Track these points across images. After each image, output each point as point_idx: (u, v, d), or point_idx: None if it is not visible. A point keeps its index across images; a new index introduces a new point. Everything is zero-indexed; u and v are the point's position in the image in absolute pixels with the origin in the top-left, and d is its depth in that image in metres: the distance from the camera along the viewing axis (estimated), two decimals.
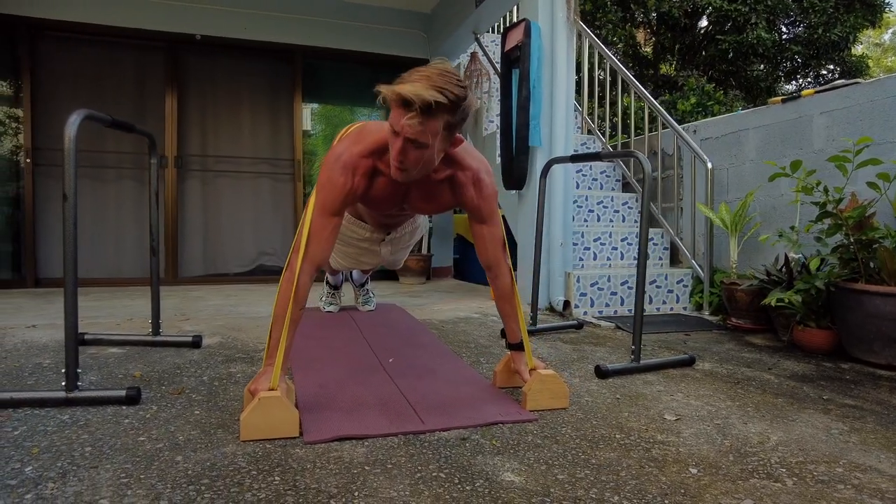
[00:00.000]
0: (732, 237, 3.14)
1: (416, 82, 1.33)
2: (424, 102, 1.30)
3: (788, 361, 2.35)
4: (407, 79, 1.35)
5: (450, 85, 1.36)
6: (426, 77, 1.34)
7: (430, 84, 1.32)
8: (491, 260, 1.76)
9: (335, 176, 1.54)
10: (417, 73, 1.36)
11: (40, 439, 1.38)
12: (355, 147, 1.56)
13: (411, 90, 1.30)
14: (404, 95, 1.31)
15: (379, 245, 2.25)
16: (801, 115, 3.00)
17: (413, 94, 1.30)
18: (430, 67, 1.40)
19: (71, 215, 1.54)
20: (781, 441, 1.49)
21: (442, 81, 1.34)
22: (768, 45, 8.97)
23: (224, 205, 4.65)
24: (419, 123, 1.34)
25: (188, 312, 2.97)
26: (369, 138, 1.57)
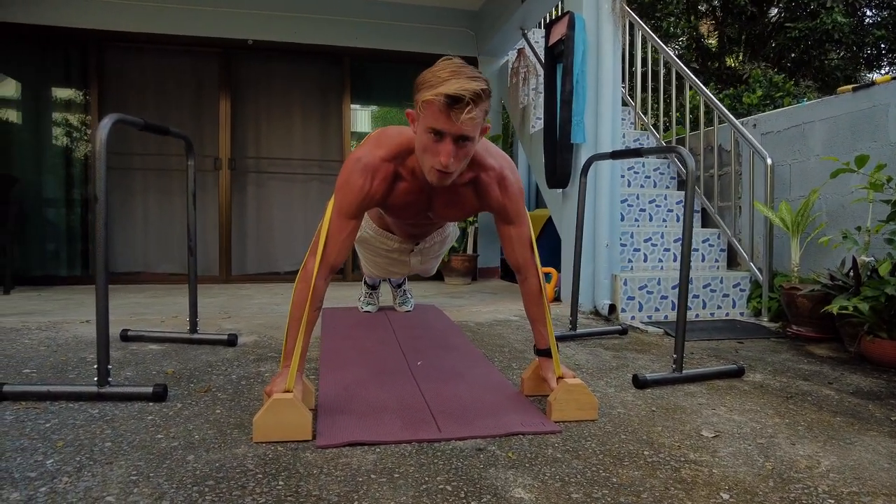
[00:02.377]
0: (794, 238, 2.91)
1: (451, 80, 1.32)
2: (474, 93, 1.31)
3: (854, 375, 2.14)
4: (434, 81, 1.34)
5: (476, 73, 1.38)
6: (454, 73, 1.34)
7: (466, 76, 1.33)
8: (520, 261, 1.69)
9: (353, 178, 1.51)
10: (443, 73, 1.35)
11: (67, 433, 1.43)
12: (377, 151, 1.53)
13: (458, 87, 1.30)
14: (453, 94, 1.30)
15: (408, 255, 2.21)
16: (874, 105, 2.74)
17: (462, 90, 1.30)
18: (445, 63, 1.37)
19: (102, 215, 1.59)
20: (834, 467, 1.34)
21: (471, 71, 1.36)
22: (846, 30, 8.32)
23: (275, 205, 4.76)
24: (473, 117, 1.34)
25: (232, 311, 3.05)
26: (391, 142, 1.54)
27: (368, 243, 2.11)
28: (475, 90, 1.31)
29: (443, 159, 1.39)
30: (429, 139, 1.39)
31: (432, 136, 1.38)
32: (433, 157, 1.40)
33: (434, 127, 1.36)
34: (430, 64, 1.39)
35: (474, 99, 1.32)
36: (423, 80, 1.38)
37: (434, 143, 1.39)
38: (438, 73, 1.35)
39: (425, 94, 1.34)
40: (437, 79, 1.34)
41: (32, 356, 2.14)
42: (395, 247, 2.18)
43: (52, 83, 4.47)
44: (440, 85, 1.32)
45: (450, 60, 1.38)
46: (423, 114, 1.38)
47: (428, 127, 1.37)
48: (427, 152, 1.41)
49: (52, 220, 4.46)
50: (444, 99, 1.31)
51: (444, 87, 1.31)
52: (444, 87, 1.31)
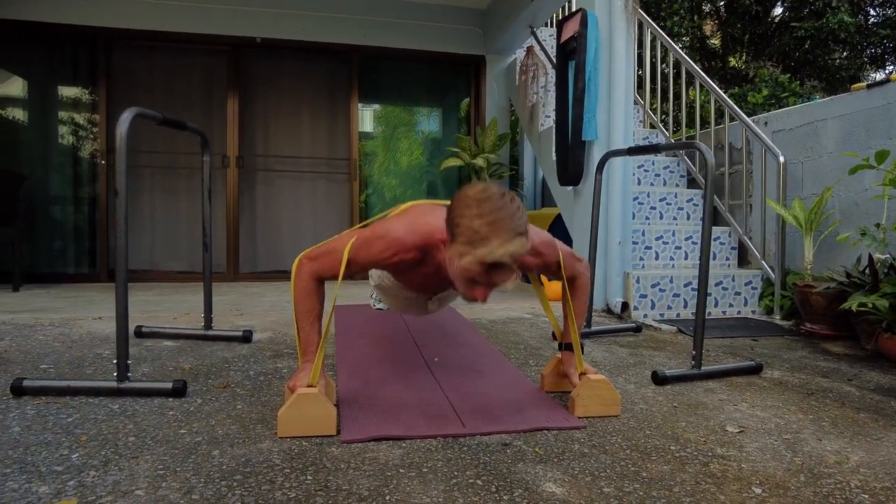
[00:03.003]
0: (807, 236, 2.90)
1: (491, 238, 1.21)
2: (510, 257, 1.22)
3: (872, 373, 2.13)
4: (471, 235, 1.23)
5: (518, 215, 1.25)
6: (493, 227, 1.22)
7: (506, 230, 1.22)
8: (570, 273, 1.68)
9: (378, 244, 1.45)
10: (482, 226, 1.22)
11: (90, 427, 1.42)
12: (408, 236, 1.44)
13: (503, 253, 1.21)
14: (497, 261, 1.21)
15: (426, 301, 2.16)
16: (889, 102, 2.73)
17: (506, 257, 1.21)
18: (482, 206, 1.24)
19: (122, 210, 1.58)
20: (863, 462, 1.33)
21: (511, 218, 1.23)
22: (851, 30, 8.31)
23: (283, 203, 4.76)
24: (510, 271, 1.26)
25: (243, 308, 3.04)
26: (424, 232, 1.44)
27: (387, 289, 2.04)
28: (517, 253, 1.22)
29: (479, 299, 1.32)
30: (463, 278, 1.30)
31: (468, 280, 1.30)
32: (469, 292, 1.33)
33: (473, 279, 1.28)
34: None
35: (511, 262, 1.23)
36: (457, 224, 1.26)
37: (470, 283, 1.31)
38: (475, 224, 1.23)
39: (463, 251, 1.24)
40: (476, 233, 1.22)
41: (48, 352, 2.13)
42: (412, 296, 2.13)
43: (60, 81, 4.47)
44: (479, 244, 1.22)
45: (484, 199, 1.24)
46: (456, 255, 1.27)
47: (466, 276, 1.28)
48: (461, 284, 1.33)
49: (60, 217, 4.45)
50: (482, 268, 1.23)
51: (483, 250, 1.21)
52: (482, 251, 1.21)
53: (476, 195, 1.26)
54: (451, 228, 1.30)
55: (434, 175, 5.16)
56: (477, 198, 1.25)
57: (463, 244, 1.25)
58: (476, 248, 1.22)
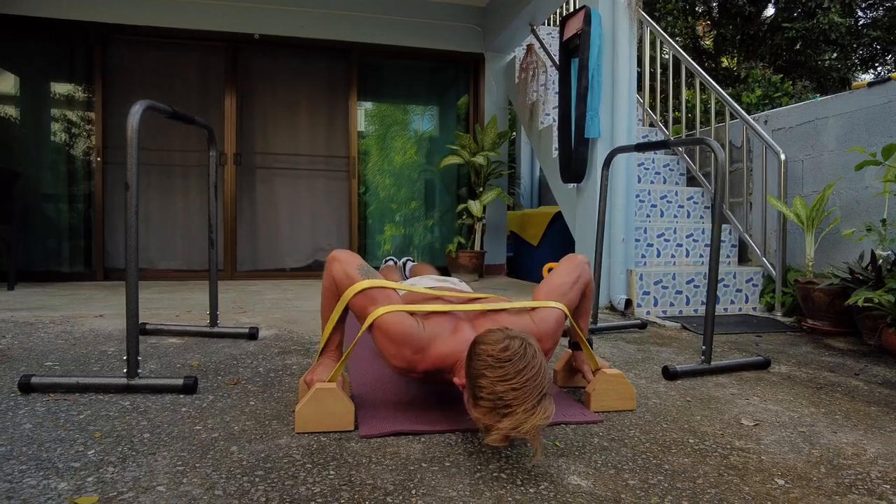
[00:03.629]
0: (808, 233, 2.92)
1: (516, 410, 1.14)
2: (536, 431, 1.15)
3: (878, 367, 2.14)
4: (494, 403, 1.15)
5: (542, 374, 1.18)
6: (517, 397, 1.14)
7: (535, 395, 1.15)
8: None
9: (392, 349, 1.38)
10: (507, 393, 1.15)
11: (103, 424, 1.40)
12: (421, 363, 1.38)
13: (529, 428, 1.13)
14: (520, 437, 1.16)
15: None
16: (890, 100, 2.76)
17: (532, 431, 1.14)
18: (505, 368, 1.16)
19: (133, 204, 1.56)
20: (881, 454, 1.34)
21: (536, 382, 1.16)
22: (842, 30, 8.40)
23: (281, 201, 4.73)
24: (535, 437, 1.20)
25: (245, 306, 3.02)
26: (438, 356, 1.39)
27: None
28: (541, 426, 1.15)
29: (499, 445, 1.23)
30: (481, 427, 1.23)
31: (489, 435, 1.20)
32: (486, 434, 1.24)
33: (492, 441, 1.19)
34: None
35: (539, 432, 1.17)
36: (479, 385, 1.18)
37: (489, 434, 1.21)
38: (498, 389, 1.16)
39: (485, 422, 1.18)
40: (498, 401, 1.15)
41: (52, 349, 2.10)
42: None
43: (54, 78, 4.41)
44: (503, 416, 1.15)
45: (506, 360, 1.17)
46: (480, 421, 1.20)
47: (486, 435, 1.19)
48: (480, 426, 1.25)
49: (54, 216, 4.40)
50: (507, 443, 1.17)
51: (507, 423, 1.14)
52: (507, 425, 1.14)
53: (498, 354, 1.18)
54: (471, 386, 1.22)
55: (432, 173, 5.15)
56: (499, 357, 1.17)
57: (486, 411, 1.18)
58: (500, 421, 1.15)
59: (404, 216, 5.06)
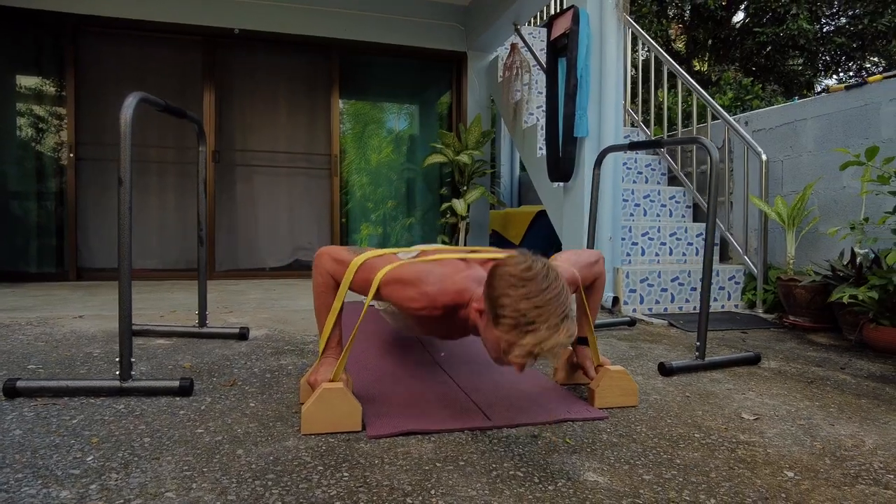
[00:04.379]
0: (789, 232, 3.00)
1: (539, 327, 1.15)
2: (561, 347, 1.17)
3: (861, 361, 2.21)
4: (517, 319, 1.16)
5: (565, 294, 1.19)
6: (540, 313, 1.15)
7: (558, 313, 1.16)
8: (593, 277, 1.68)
9: (408, 292, 1.37)
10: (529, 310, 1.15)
11: (98, 429, 1.35)
12: (441, 296, 1.36)
13: (552, 345, 1.15)
14: (549, 354, 1.17)
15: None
16: (866, 103, 2.85)
17: (552, 349, 1.16)
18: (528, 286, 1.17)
19: (126, 200, 1.50)
20: (879, 445, 1.37)
21: (559, 301, 1.17)
22: (809, 36, 8.67)
23: (261, 199, 4.64)
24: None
25: (231, 305, 2.95)
26: (456, 295, 1.37)
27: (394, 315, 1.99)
28: (564, 344, 1.17)
29: (517, 371, 1.26)
30: (501, 351, 1.24)
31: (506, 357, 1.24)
32: (503, 359, 1.27)
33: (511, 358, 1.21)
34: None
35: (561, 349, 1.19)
36: (501, 304, 1.18)
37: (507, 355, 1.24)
38: (522, 307, 1.16)
39: (508, 338, 1.18)
40: (522, 318, 1.15)
41: (32, 352, 2.01)
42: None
43: (22, 71, 4.24)
44: (526, 332, 1.15)
45: (530, 279, 1.17)
46: (500, 340, 1.21)
47: (507, 355, 1.22)
48: (498, 355, 1.27)
49: (21, 214, 4.23)
50: (532, 361, 1.19)
51: (531, 339, 1.15)
52: (530, 341, 1.15)
53: (521, 273, 1.17)
54: (492, 306, 1.21)
55: (414, 172, 5.12)
56: (522, 276, 1.17)
57: (508, 329, 1.17)
58: (523, 337, 1.15)
59: (385, 215, 5.03)
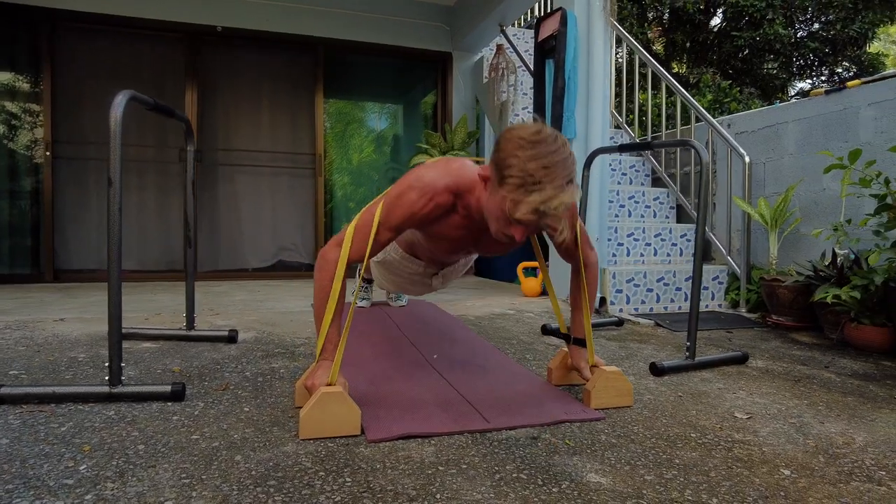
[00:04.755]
0: (772, 233, 3.06)
1: (545, 185, 1.19)
2: (566, 206, 1.20)
3: (844, 359, 2.26)
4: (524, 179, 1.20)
5: (571, 161, 1.23)
6: (547, 172, 1.19)
7: (562, 177, 1.20)
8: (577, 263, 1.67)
9: (410, 194, 1.41)
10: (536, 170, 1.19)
11: (89, 436, 1.31)
12: (441, 179, 1.42)
13: (558, 204, 1.19)
14: (552, 213, 1.20)
15: (431, 278, 2.13)
16: (846, 107, 2.92)
17: (558, 207, 1.19)
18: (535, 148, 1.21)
19: (116, 201, 1.47)
20: (869, 442, 1.40)
21: (566, 166, 1.22)
22: (785, 41, 8.86)
23: (243, 199, 4.58)
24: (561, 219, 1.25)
25: (216, 307, 2.90)
26: (457, 175, 1.43)
27: (391, 265, 1.99)
28: (569, 204, 1.21)
29: (516, 237, 1.30)
30: (504, 217, 1.28)
31: (509, 220, 1.28)
32: (506, 229, 1.31)
33: (520, 223, 1.26)
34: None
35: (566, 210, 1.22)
36: (508, 165, 1.22)
37: (509, 223, 1.29)
38: (529, 167, 1.19)
39: (514, 197, 1.21)
40: (529, 177, 1.19)
41: (14, 357, 1.95)
42: (419, 271, 2.08)
43: None
44: (532, 190, 1.19)
45: (538, 141, 1.21)
46: (504, 201, 1.24)
47: (511, 217, 1.25)
48: (499, 222, 1.31)
49: None
50: (538, 219, 1.21)
51: (537, 197, 1.19)
52: (536, 199, 1.19)
53: (530, 136, 1.21)
54: (498, 169, 1.25)
55: (399, 172, 5.10)
56: (531, 139, 1.21)
57: (514, 188, 1.21)
58: (529, 195, 1.19)
59: None
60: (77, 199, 4.19)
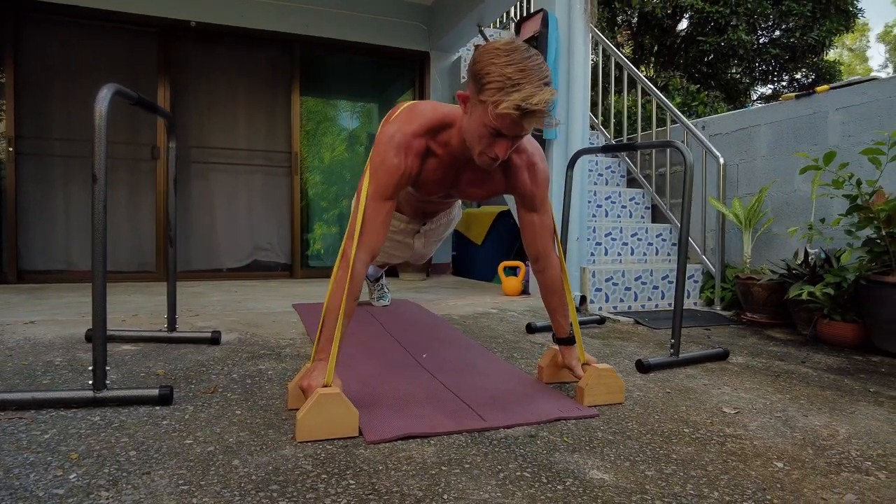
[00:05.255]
0: (746, 232, 3.14)
1: (523, 85, 1.24)
2: (546, 104, 1.26)
3: (818, 355, 2.34)
4: (502, 82, 1.25)
5: (545, 67, 1.31)
6: (523, 74, 1.25)
7: (538, 79, 1.26)
8: (540, 251, 1.69)
9: (389, 157, 1.45)
10: (513, 73, 1.25)
11: (76, 443, 1.26)
12: (408, 127, 1.47)
13: (536, 99, 1.24)
14: (531, 108, 1.24)
15: (413, 237, 2.15)
16: (815, 112, 3.02)
17: (538, 104, 1.24)
18: (510, 55, 1.27)
19: (101, 198, 1.41)
20: (852, 434, 1.45)
21: (539, 69, 1.28)
22: (748, 47, 9.14)
23: (218, 198, 4.47)
24: (541, 119, 1.29)
25: (194, 308, 2.83)
26: (422, 118, 1.49)
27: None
28: (549, 101, 1.27)
29: (499, 153, 1.36)
30: (486, 132, 1.34)
31: (491, 133, 1.33)
32: (487, 147, 1.37)
33: (499, 130, 1.31)
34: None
35: (545, 108, 1.27)
36: (486, 72, 1.28)
37: (491, 136, 1.34)
38: (507, 71, 1.25)
39: (495, 98, 1.26)
40: (507, 80, 1.25)
41: None
42: (401, 227, 2.10)
43: None
44: (512, 91, 1.25)
45: (513, 49, 1.28)
46: (486, 110, 1.30)
47: (491, 127, 1.31)
48: (481, 141, 1.37)
49: None
50: (518, 114, 1.25)
51: (518, 95, 1.24)
52: (517, 97, 1.24)
53: (504, 46, 1.29)
54: (477, 80, 1.30)
55: None
56: (505, 48, 1.28)
57: (495, 92, 1.26)
58: (510, 95, 1.24)
59: (341, 214, 4.94)
60: (43, 197, 4.03)
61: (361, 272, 1.46)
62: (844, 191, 2.30)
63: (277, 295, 3.46)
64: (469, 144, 1.42)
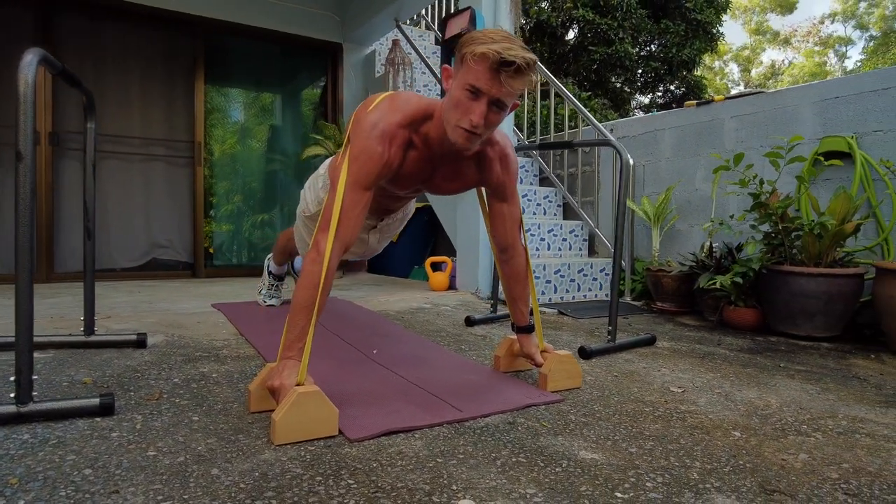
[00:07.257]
0: (655, 228, 3.40)
1: (504, 42, 1.29)
2: (526, 61, 1.29)
3: (728, 338, 2.59)
4: (485, 40, 1.30)
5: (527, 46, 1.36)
6: (506, 38, 1.32)
7: (519, 45, 1.31)
8: (507, 240, 1.71)
9: (372, 146, 1.40)
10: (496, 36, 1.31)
11: (10, 466, 1.08)
12: (393, 116, 1.43)
13: (513, 53, 1.28)
14: (506, 57, 1.27)
15: (368, 233, 2.07)
16: (713, 118, 3.34)
17: (517, 56, 1.28)
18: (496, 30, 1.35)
19: (28, 180, 1.22)
20: (782, 403, 1.63)
21: (522, 43, 1.34)
22: (633, 58, 9.92)
23: (110, 191, 4.04)
24: (517, 84, 1.32)
25: (103, 310, 2.53)
26: (406, 108, 1.45)
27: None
28: (528, 59, 1.30)
29: (474, 118, 1.33)
30: (464, 96, 1.33)
31: (469, 94, 1.33)
32: (463, 115, 1.34)
33: (475, 85, 1.31)
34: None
35: (524, 66, 1.30)
36: (472, 37, 1.33)
37: (469, 100, 1.33)
38: (490, 34, 1.32)
39: (477, 48, 1.29)
40: (490, 39, 1.30)
41: None
42: None
43: None
44: (493, 44, 1.29)
45: (494, 31, 1.34)
46: (465, 68, 1.32)
47: (468, 84, 1.31)
48: (458, 108, 1.35)
49: None
50: (497, 57, 1.27)
51: (498, 46, 1.29)
52: (497, 46, 1.28)
53: (490, 32, 1.34)
54: (460, 52, 1.35)
55: (286, 164, 4.85)
56: (486, 32, 1.34)
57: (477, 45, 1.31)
58: (490, 46, 1.29)
59: (252, 208, 4.69)
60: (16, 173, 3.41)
61: (335, 266, 1.39)
62: (749, 189, 2.57)
63: (188, 295, 3.20)
64: (446, 121, 1.39)
